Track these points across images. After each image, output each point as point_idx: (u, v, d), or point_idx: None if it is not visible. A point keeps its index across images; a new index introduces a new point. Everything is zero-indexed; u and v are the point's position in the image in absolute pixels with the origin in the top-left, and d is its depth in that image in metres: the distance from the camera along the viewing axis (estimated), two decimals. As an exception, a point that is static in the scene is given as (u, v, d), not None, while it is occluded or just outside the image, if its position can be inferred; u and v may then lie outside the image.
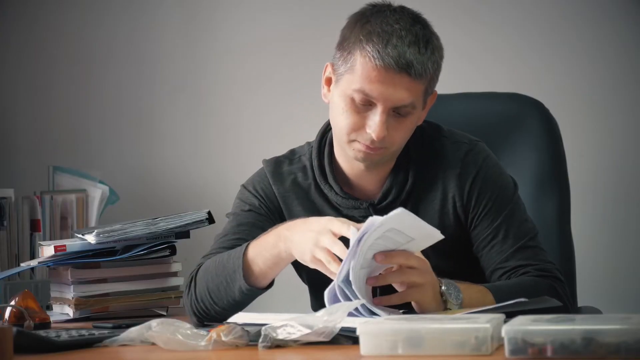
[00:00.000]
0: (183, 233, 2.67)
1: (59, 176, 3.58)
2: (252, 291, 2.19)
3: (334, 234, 2.03)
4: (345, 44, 2.20)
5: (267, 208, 2.36)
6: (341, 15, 2.28)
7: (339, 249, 2.00)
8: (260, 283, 2.19)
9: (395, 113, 2.18)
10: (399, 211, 1.94)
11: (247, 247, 2.19)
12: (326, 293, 1.99)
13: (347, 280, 1.97)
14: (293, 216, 2.34)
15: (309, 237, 2.06)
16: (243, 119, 3.80)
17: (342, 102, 2.20)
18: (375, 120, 2.17)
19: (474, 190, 2.29)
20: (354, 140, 2.21)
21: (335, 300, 1.98)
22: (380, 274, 2.03)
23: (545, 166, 2.69)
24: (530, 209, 2.60)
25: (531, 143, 2.70)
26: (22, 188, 3.60)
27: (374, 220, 1.94)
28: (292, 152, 2.40)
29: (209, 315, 2.24)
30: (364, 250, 1.96)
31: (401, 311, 2.04)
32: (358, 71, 2.17)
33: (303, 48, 3.67)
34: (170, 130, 3.86)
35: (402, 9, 2.22)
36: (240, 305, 2.20)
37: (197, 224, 2.66)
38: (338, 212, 2.32)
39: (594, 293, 3.26)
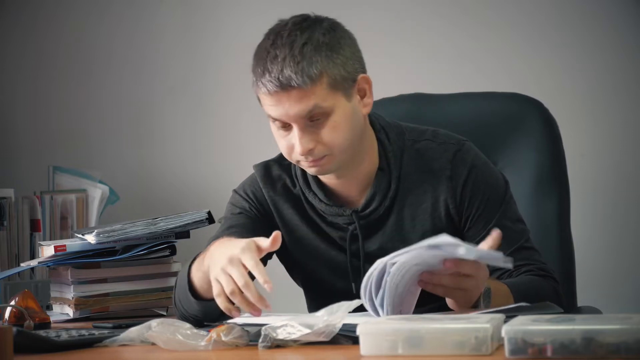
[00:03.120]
0: (183, 233, 2.67)
1: (59, 176, 3.58)
2: (204, 304, 2.15)
3: (244, 265, 1.96)
4: (251, 80, 2.23)
5: (257, 211, 2.36)
6: (341, 15, 2.29)
7: (244, 281, 1.94)
8: (209, 296, 2.12)
9: (312, 122, 2.18)
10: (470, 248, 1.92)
11: (192, 263, 2.16)
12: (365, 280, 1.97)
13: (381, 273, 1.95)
14: (284, 220, 2.35)
15: (219, 260, 1.99)
16: (243, 119, 3.80)
17: (272, 130, 2.24)
18: (295, 138, 2.18)
19: (466, 192, 2.28)
20: (298, 161, 2.23)
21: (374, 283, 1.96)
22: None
23: (545, 166, 2.69)
24: (530, 209, 2.60)
25: (531, 143, 2.69)
26: (22, 188, 3.60)
27: (454, 242, 1.88)
28: (282, 157, 2.40)
29: (189, 321, 2.22)
30: (426, 256, 1.93)
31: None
32: (262, 102, 2.22)
33: (303, 48, 3.66)
34: (170, 130, 3.86)
35: (286, 23, 2.23)
36: (207, 314, 2.16)
37: (197, 224, 2.66)
38: (323, 219, 2.33)
39: (594, 293, 3.26)
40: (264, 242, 1.99)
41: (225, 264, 1.97)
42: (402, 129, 2.34)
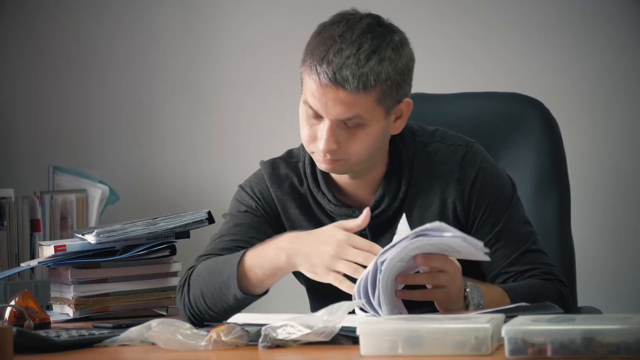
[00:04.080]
0: (183, 233, 2.67)
1: (59, 176, 3.58)
2: (247, 298, 2.18)
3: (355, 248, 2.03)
4: (303, 56, 2.22)
5: (263, 210, 2.35)
6: (341, 15, 2.28)
7: (363, 258, 2.01)
8: (256, 291, 2.18)
9: (345, 125, 2.17)
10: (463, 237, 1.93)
11: (244, 254, 2.18)
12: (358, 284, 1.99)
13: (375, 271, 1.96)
14: (290, 219, 2.34)
15: (325, 251, 2.05)
16: (243, 119, 3.80)
17: (300, 114, 2.22)
18: (322, 133, 2.17)
19: (474, 194, 2.28)
20: (313, 152, 2.23)
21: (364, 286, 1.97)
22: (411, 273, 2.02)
23: (545, 166, 2.69)
24: (530, 209, 2.60)
25: (531, 143, 2.70)
26: (22, 188, 3.60)
27: (441, 227, 1.92)
28: (290, 155, 2.39)
29: (204, 319, 2.23)
30: (411, 248, 1.94)
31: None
32: (305, 84, 2.19)
33: (303, 48, 3.66)
34: (170, 130, 3.86)
35: (361, 18, 2.19)
36: (234, 310, 2.18)
37: (197, 224, 2.66)
38: (331, 219, 2.31)
39: (594, 293, 3.26)
40: (352, 224, 2.07)
41: (335, 252, 2.03)
42: (413, 130, 2.33)
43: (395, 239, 1.96)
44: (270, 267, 2.14)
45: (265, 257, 2.15)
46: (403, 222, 2.04)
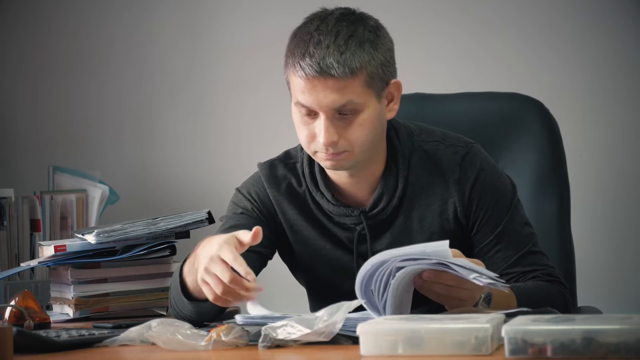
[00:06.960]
0: (183, 233, 2.67)
1: (59, 176, 3.58)
2: (198, 305, 2.14)
3: (224, 261, 1.95)
4: (284, 61, 2.23)
5: (259, 212, 2.35)
6: (341, 15, 2.28)
7: (228, 277, 1.93)
8: (199, 297, 2.12)
9: (340, 115, 2.18)
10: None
11: (184, 262, 2.16)
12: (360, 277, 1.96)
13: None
14: (288, 220, 2.34)
15: (202, 262, 1.98)
16: (243, 119, 3.80)
17: (295, 117, 2.23)
18: (320, 128, 2.18)
19: (474, 195, 2.28)
20: (315, 152, 2.22)
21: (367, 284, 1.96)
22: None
23: (545, 166, 2.69)
24: (530, 209, 2.60)
25: (531, 143, 2.70)
26: (22, 188, 3.60)
27: (471, 266, 1.90)
28: (287, 155, 2.39)
29: (185, 321, 2.21)
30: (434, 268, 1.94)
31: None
32: (292, 85, 2.20)
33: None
34: (170, 130, 3.86)
35: (332, 12, 2.22)
36: (202, 314, 2.16)
37: (197, 224, 2.66)
38: (330, 220, 2.32)
39: (594, 293, 3.26)
40: (245, 236, 1.98)
41: (207, 263, 1.96)
42: (411, 130, 2.34)
43: (415, 249, 1.94)
44: (194, 272, 2.08)
45: (192, 269, 2.11)
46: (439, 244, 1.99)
